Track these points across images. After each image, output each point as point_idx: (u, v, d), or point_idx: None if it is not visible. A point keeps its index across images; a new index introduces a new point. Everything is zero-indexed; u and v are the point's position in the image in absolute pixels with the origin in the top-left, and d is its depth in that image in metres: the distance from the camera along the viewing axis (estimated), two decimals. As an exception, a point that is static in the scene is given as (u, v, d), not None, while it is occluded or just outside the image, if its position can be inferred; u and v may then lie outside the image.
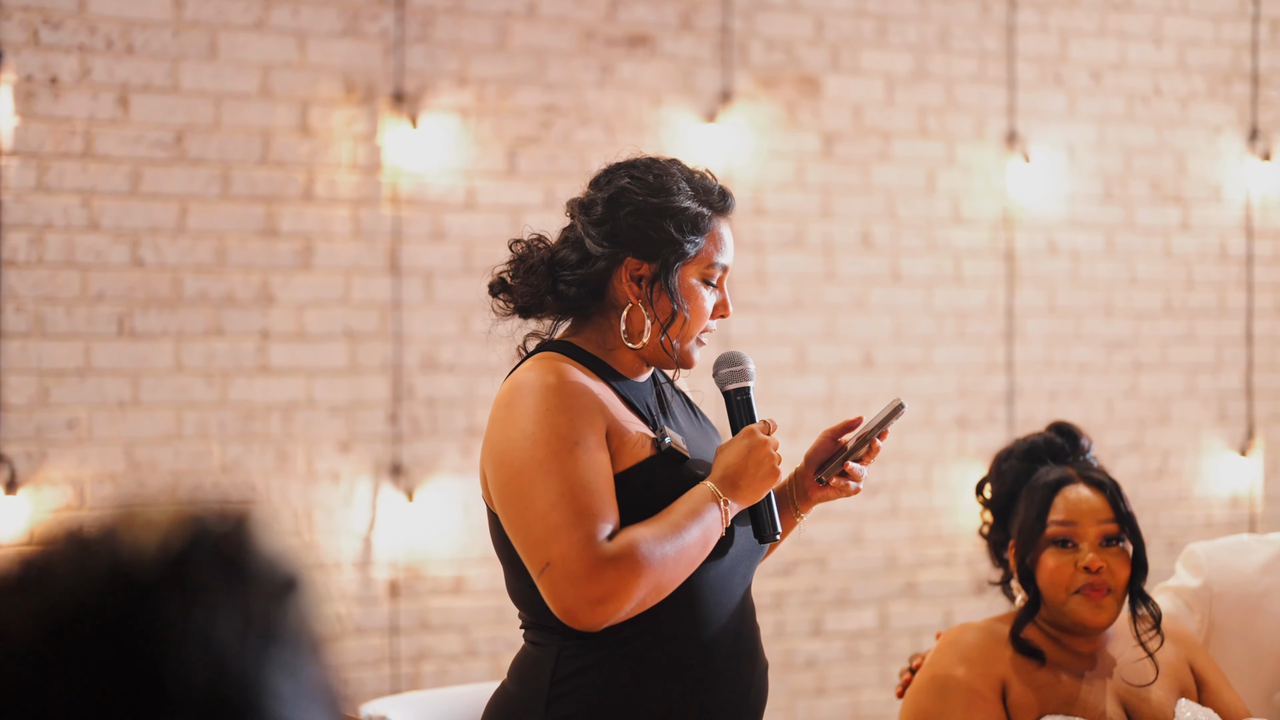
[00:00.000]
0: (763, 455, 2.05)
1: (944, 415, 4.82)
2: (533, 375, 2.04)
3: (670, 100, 4.49)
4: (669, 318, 2.09)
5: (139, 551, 0.81)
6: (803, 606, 4.66)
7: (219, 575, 0.81)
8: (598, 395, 2.04)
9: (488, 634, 4.28)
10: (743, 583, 2.13)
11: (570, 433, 1.98)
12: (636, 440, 2.05)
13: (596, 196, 2.13)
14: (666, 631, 2.04)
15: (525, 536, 1.98)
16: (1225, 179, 5.19)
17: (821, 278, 4.67)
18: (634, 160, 2.16)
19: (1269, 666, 2.68)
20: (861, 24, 4.74)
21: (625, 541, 1.95)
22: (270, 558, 0.83)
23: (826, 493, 2.20)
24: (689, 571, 2.01)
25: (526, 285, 2.13)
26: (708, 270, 2.12)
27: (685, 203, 2.10)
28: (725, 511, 2.03)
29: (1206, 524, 5.10)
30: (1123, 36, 5.09)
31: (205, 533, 0.83)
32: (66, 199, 3.87)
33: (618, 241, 2.09)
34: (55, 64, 3.86)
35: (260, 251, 4.05)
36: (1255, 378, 5.23)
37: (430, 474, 4.21)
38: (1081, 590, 2.41)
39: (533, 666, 2.08)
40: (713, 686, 2.07)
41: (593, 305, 2.13)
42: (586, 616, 1.94)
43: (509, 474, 1.99)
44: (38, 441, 3.83)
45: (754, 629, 2.16)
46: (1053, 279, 4.98)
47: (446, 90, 4.25)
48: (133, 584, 0.80)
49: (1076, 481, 2.46)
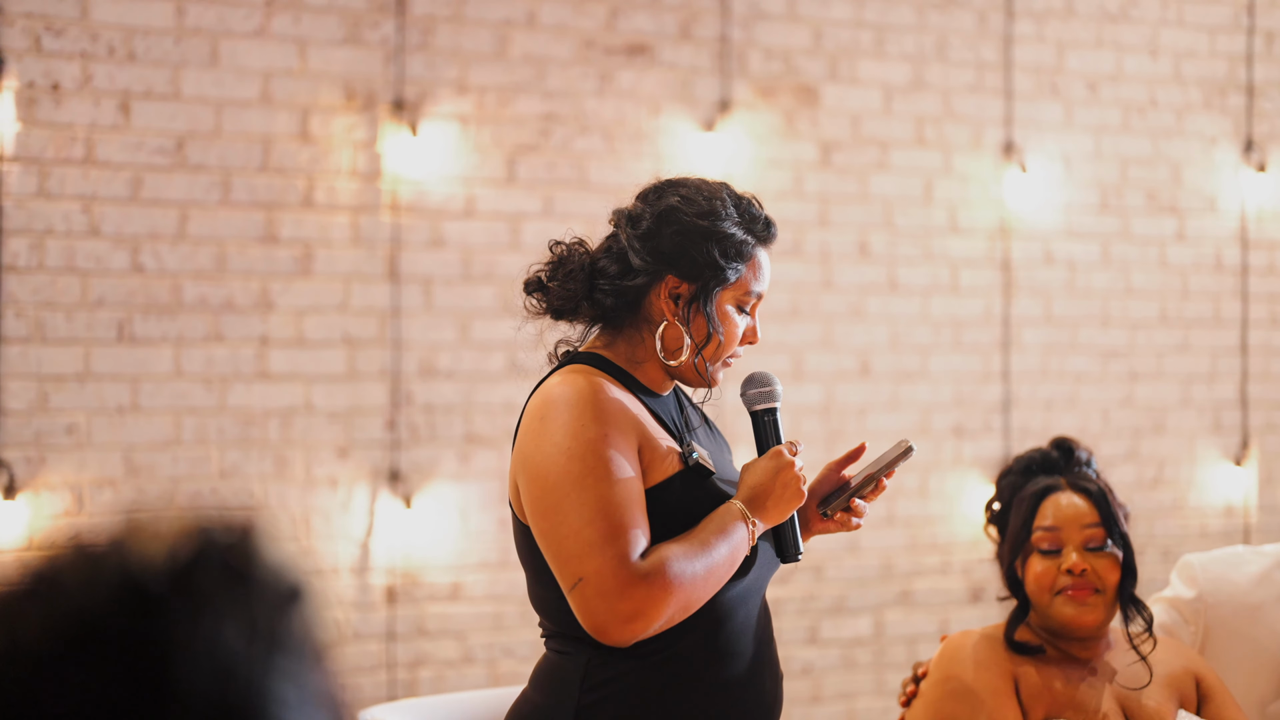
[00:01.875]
0: (789, 477, 2.08)
1: (940, 424, 4.84)
2: (567, 388, 2.04)
3: (669, 109, 4.50)
4: (704, 339, 2.11)
5: (147, 562, 0.82)
6: (799, 614, 4.68)
7: (225, 585, 0.83)
8: (631, 409, 2.06)
9: (485, 640, 4.29)
10: (760, 594, 2.16)
11: (604, 447, 1.99)
12: (666, 455, 2.07)
13: (644, 211, 2.14)
14: (694, 643, 2.06)
15: (558, 551, 1.99)
16: (1220, 190, 5.22)
17: (819, 286, 4.68)
18: (684, 179, 2.18)
19: (1264, 677, 2.70)
20: (860, 34, 4.76)
21: (657, 559, 1.96)
22: (275, 567, 0.85)
23: (828, 525, 2.22)
24: (717, 589, 2.04)
25: (564, 289, 2.15)
26: (744, 297, 2.14)
27: (731, 229, 2.12)
28: (752, 531, 2.06)
29: (1201, 534, 5.12)
30: (1119, 48, 5.11)
31: (211, 543, 0.84)
32: (67, 205, 3.88)
33: (661, 258, 2.11)
34: (57, 70, 3.87)
35: (260, 258, 4.07)
36: (1250, 388, 5.25)
37: (428, 480, 4.22)
38: (1064, 591, 2.45)
39: (560, 676, 2.09)
40: (737, 696, 2.10)
41: (626, 317, 2.14)
42: (617, 633, 1.96)
43: (543, 488, 2.00)
44: (37, 446, 3.84)
45: (771, 640, 2.19)
46: (1049, 288, 5.00)
47: (446, 98, 4.26)
48: (141, 594, 0.81)
49: (1064, 489, 2.52)
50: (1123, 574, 2.47)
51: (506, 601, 4.28)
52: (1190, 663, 2.55)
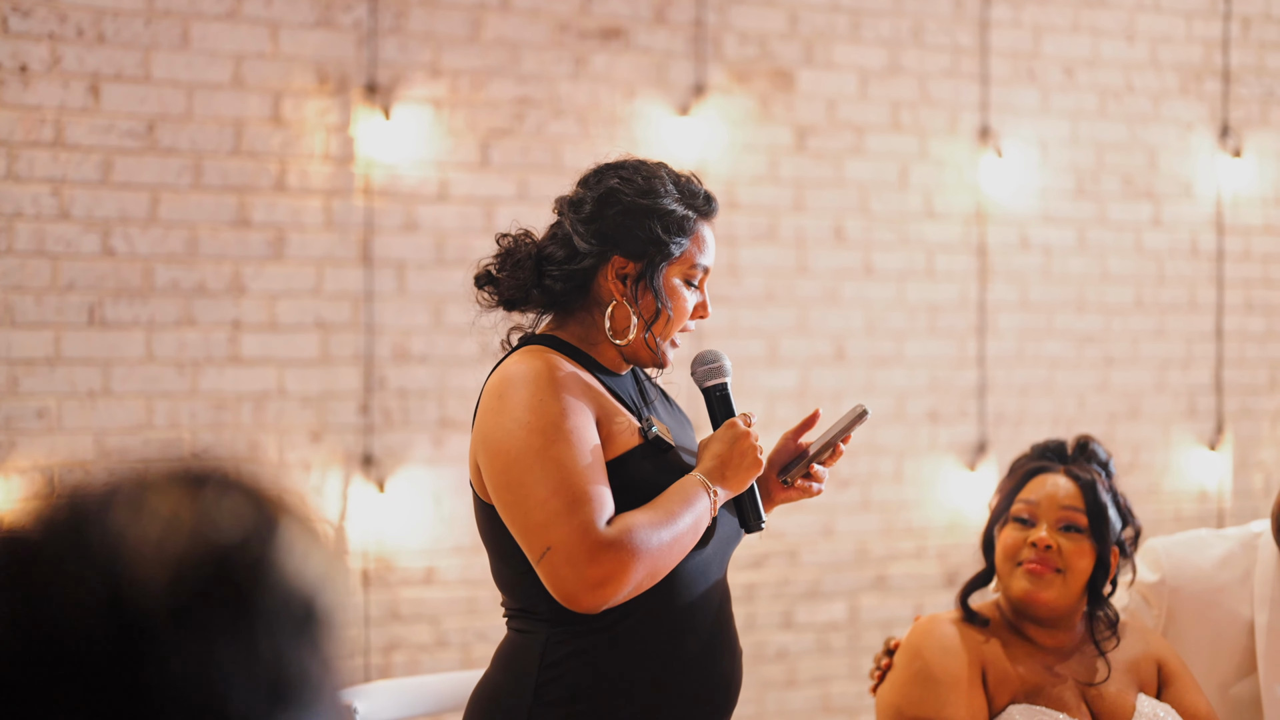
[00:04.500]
0: (746, 446, 2.12)
1: (915, 409, 4.84)
2: (523, 366, 2.08)
3: (643, 93, 4.49)
4: (653, 316, 2.15)
5: (143, 577, 0.73)
6: (773, 599, 4.68)
7: (228, 616, 0.74)
8: (588, 383, 2.10)
9: (458, 624, 4.29)
10: (719, 570, 2.19)
11: (564, 419, 2.02)
12: (625, 428, 2.10)
13: (586, 195, 2.18)
14: (652, 617, 2.09)
15: (524, 522, 2.01)
16: (1196, 175, 5.22)
17: (794, 271, 4.68)
18: (623, 161, 2.22)
19: (1225, 659, 2.71)
20: (835, 18, 4.75)
21: (623, 526, 1.99)
22: (288, 589, 0.76)
23: (790, 494, 2.27)
24: (681, 557, 2.07)
25: (513, 279, 2.18)
26: (690, 271, 2.18)
27: (671, 205, 2.16)
28: (714, 500, 2.09)
29: (1176, 518, 5.13)
30: (1095, 33, 5.11)
31: (224, 568, 0.75)
32: (36, 188, 3.86)
33: (605, 240, 2.15)
34: (25, 52, 3.85)
35: (232, 242, 4.05)
36: (1225, 373, 5.26)
37: (401, 465, 4.21)
38: (1025, 564, 2.47)
39: (519, 653, 2.11)
40: (694, 669, 2.12)
41: (577, 301, 2.18)
42: (587, 599, 1.98)
43: (505, 462, 2.02)
44: (7, 430, 3.83)
45: (730, 614, 2.22)
46: (1024, 274, 5.00)
47: (419, 82, 4.25)
48: (132, 619, 0.72)
49: (1056, 471, 2.55)
50: (1095, 568, 2.48)
51: (480, 586, 4.27)
52: (1152, 647, 2.56)
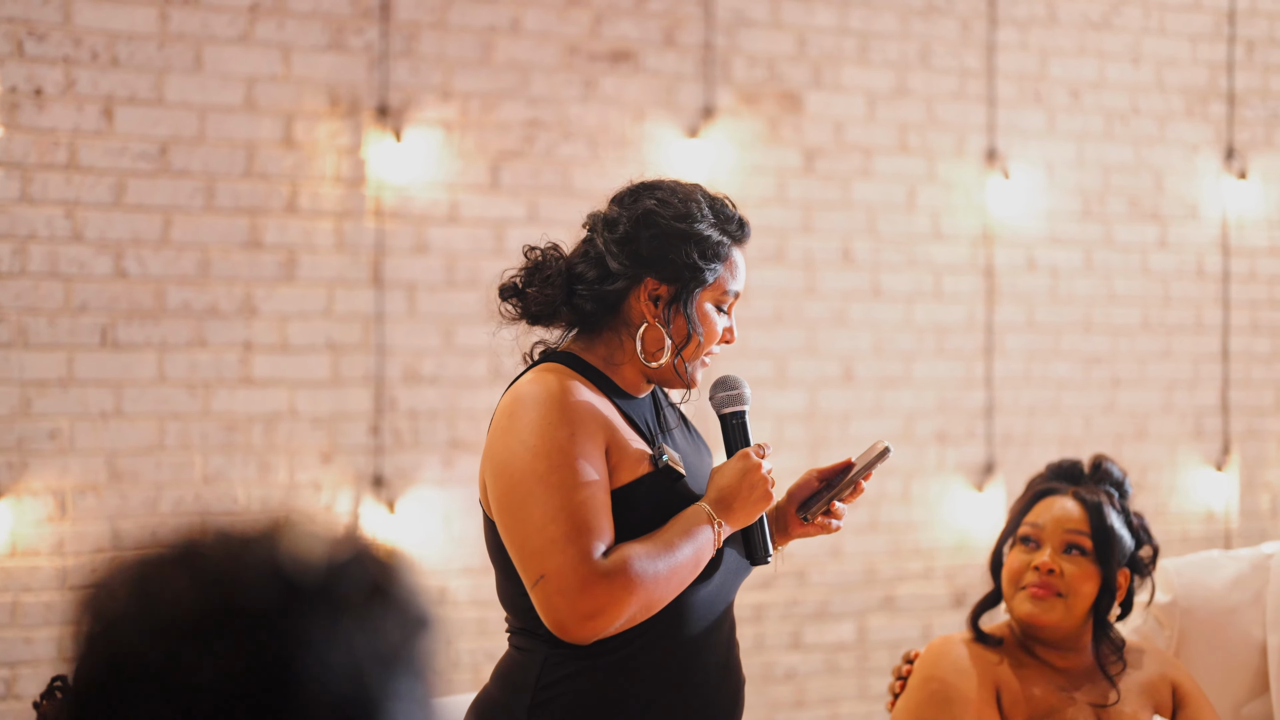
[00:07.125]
0: (757, 479, 2.09)
1: (923, 430, 4.86)
2: (537, 387, 2.05)
3: (653, 115, 4.52)
4: (683, 339, 2.12)
5: (300, 555, 0.84)
6: (782, 619, 4.69)
7: (369, 596, 0.85)
8: (600, 410, 2.07)
9: (470, 645, 4.30)
10: (725, 601, 2.16)
11: (571, 447, 2.00)
12: (635, 456, 2.07)
13: (620, 214, 2.15)
14: (652, 645, 2.07)
15: (522, 547, 2.00)
16: (1202, 197, 5.24)
17: (802, 292, 4.70)
18: (659, 182, 2.18)
19: (1238, 680, 2.72)
20: (843, 41, 4.77)
21: (619, 558, 1.97)
22: (412, 593, 0.88)
23: (808, 529, 2.24)
24: (679, 590, 2.04)
25: (541, 295, 2.15)
26: (721, 296, 2.16)
27: (708, 230, 2.13)
28: (718, 533, 2.07)
29: (1183, 539, 5.14)
30: (1101, 56, 5.14)
31: (365, 554, 0.87)
32: (50, 210, 3.88)
33: (639, 262, 2.12)
34: (40, 75, 3.87)
35: (243, 263, 4.07)
36: (1231, 394, 5.27)
37: (411, 486, 4.22)
38: (1028, 587, 2.48)
39: (517, 671, 2.11)
40: (694, 700, 2.10)
41: (605, 320, 2.15)
42: (577, 630, 1.97)
43: (508, 484, 2.01)
44: (19, 452, 3.84)
45: (734, 645, 2.19)
46: (1032, 295, 5.02)
47: (430, 104, 4.27)
48: (289, 585, 0.83)
49: (1064, 494, 2.54)
50: (1100, 593, 2.49)
51: (490, 606, 4.28)
52: (1167, 669, 2.56)
